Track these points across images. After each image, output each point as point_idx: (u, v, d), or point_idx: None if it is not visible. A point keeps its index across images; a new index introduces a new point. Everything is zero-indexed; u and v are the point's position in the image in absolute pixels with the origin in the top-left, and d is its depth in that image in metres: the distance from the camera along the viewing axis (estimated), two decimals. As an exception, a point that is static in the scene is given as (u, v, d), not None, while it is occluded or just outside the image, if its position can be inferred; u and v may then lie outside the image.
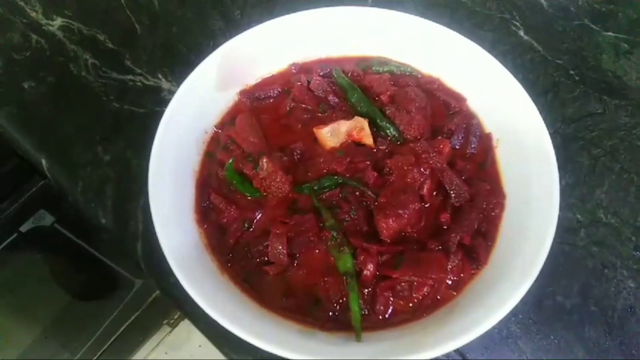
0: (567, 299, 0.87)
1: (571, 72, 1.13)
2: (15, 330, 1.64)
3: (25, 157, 1.08)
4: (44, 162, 1.03)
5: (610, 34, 1.20)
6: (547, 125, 0.85)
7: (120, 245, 0.95)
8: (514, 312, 0.70)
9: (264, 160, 0.82)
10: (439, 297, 0.76)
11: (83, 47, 1.18)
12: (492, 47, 0.99)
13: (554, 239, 0.74)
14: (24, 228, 1.67)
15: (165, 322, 2.20)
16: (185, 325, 2.20)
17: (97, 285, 1.85)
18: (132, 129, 1.06)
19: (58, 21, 1.23)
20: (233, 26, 1.20)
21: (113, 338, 1.84)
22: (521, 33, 1.20)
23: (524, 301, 0.70)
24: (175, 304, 0.89)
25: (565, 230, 0.92)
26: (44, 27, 1.22)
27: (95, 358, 1.77)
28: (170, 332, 2.20)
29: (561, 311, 0.86)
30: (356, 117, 0.89)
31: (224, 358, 0.86)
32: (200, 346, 2.16)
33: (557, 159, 0.81)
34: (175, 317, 2.22)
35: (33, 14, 1.24)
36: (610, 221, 0.95)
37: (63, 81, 1.13)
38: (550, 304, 0.87)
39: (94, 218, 0.97)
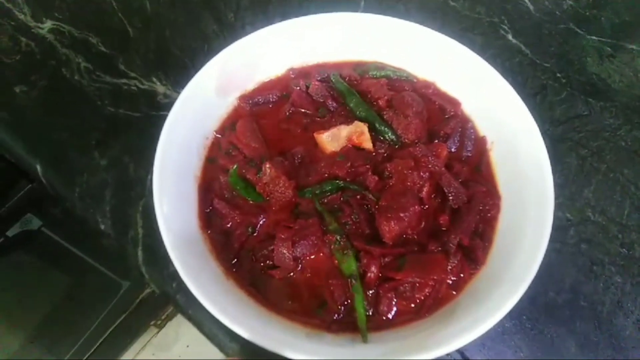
0: (558, 295, 0.91)
1: (558, 74, 1.17)
2: (0, 335, 1.61)
3: (17, 163, 1.07)
4: (38, 167, 1.02)
5: (594, 37, 1.24)
6: (536, 127, 0.87)
7: (120, 251, 0.95)
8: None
9: (267, 165, 0.83)
10: (440, 297, 0.78)
11: (75, 50, 1.17)
12: (482, 51, 1.01)
13: (546, 237, 0.77)
14: (10, 232, 1.64)
15: (152, 323, 2.19)
16: (173, 326, 2.19)
17: (84, 288, 1.84)
18: (128, 133, 1.05)
19: (48, 24, 1.21)
20: (227, 29, 1.21)
21: (100, 341, 1.83)
22: (509, 37, 1.24)
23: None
24: (178, 309, 0.89)
25: (555, 229, 0.93)
26: (33, 30, 1.20)
27: (82, 360, 1.75)
28: (158, 332, 2.19)
29: (553, 307, 0.90)
30: (356, 121, 0.91)
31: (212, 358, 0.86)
32: (188, 346, 2.16)
33: (547, 160, 0.84)
34: (163, 317, 2.20)
35: (21, 17, 1.22)
36: (598, 219, 0.99)
37: (56, 85, 1.12)
38: (543, 301, 0.90)
39: (92, 224, 0.96)
